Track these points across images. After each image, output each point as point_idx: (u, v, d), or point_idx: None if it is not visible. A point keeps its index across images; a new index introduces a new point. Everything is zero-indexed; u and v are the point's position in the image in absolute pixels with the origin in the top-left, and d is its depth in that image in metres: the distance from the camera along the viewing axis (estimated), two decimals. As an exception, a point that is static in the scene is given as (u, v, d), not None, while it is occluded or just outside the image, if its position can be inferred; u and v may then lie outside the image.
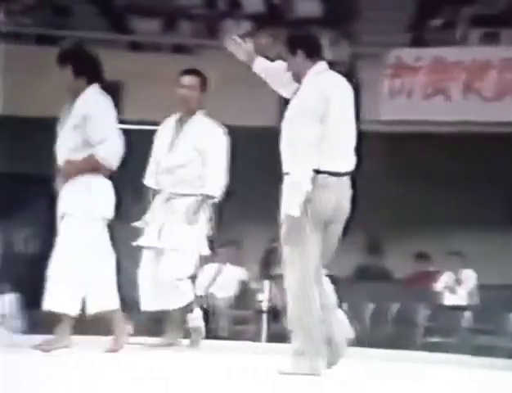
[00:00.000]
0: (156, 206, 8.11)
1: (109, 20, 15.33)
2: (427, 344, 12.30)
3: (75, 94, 6.96)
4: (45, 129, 7.63)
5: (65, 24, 14.93)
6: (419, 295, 13.63)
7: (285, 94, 6.48)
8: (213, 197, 7.99)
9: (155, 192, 8.14)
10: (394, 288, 14.44)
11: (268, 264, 13.04)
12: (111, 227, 7.52)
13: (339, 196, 6.19)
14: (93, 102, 6.90)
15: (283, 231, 6.19)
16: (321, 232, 6.20)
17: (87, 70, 7.03)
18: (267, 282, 12.74)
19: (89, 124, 6.83)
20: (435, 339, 12.57)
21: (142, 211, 8.14)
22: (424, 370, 7.83)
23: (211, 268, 13.10)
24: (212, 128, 8.04)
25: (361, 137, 6.27)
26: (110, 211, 7.15)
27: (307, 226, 6.14)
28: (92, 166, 6.94)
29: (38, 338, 8.11)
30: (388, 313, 13.09)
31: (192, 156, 7.95)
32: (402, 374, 7.37)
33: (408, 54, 14.46)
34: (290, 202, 6.08)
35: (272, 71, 6.58)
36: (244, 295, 13.16)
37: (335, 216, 6.20)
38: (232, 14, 15.27)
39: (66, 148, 6.92)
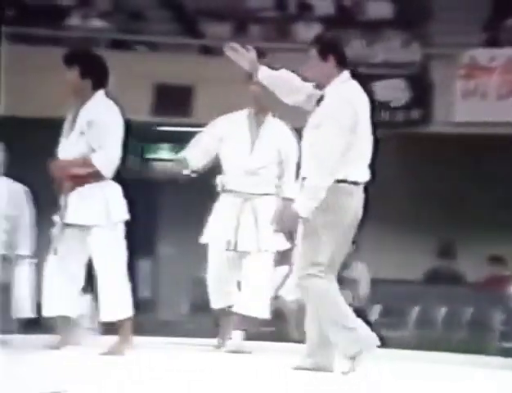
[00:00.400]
0: (228, 206, 8.03)
1: (181, 25, 15.40)
2: (502, 349, 12.18)
3: (80, 97, 6.81)
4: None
5: (139, 29, 15.02)
6: (493, 299, 13.53)
7: (290, 102, 6.45)
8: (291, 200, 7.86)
9: (224, 191, 8.08)
10: (467, 292, 14.33)
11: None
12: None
13: (359, 204, 6.32)
14: (99, 108, 6.77)
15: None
16: (338, 237, 6.33)
17: (93, 72, 6.87)
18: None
19: (92, 130, 6.72)
20: (510, 344, 12.45)
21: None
22: (498, 375, 7.72)
23: (281, 270, 13.07)
24: (287, 129, 7.89)
25: (435, 138, 6.22)
26: (126, 214, 7.28)
27: (323, 231, 6.27)
28: (82, 168, 6.83)
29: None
30: (462, 317, 13.00)
31: (273, 157, 7.84)
32: (476, 379, 7.27)
33: (482, 54, 14.29)
34: (305, 205, 6.19)
35: (278, 80, 6.46)
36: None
37: (353, 222, 6.36)
38: (303, 16, 15.24)
39: (72, 155, 6.78)
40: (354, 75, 6.34)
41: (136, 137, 14.75)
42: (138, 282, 15.80)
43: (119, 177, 15.23)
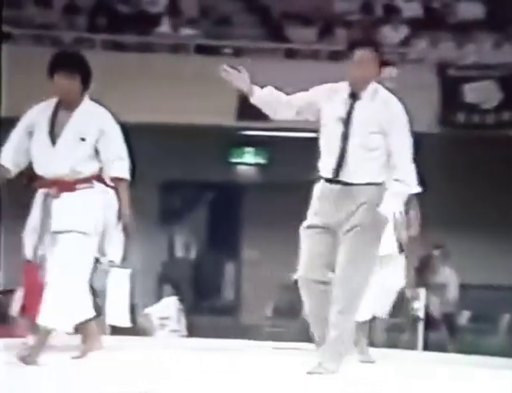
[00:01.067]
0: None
1: (266, 29, 15.41)
2: None
3: (71, 101, 6.21)
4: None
5: (225, 34, 15.06)
6: None
7: (280, 118, 6.42)
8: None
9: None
10: None
11: (424, 272, 12.91)
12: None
13: None
14: (107, 118, 6.27)
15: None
16: None
17: (88, 77, 6.41)
18: (422, 290, 12.65)
19: (105, 140, 6.22)
20: None
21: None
22: None
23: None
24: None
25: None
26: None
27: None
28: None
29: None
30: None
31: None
32: None
33: None
34: (397, 206, 6.15)
35: (268, 99, 6.35)
36: (399, 304, 12.98)
37: None
38: (390, 19, 15.15)
39: (73, 158, 6.10)
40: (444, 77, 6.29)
41: (222, 142, 14.84)
42: (223, 285, 15.88)
43: (204, 181, 15.39)
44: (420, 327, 12.51)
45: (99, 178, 6.26)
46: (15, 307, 10.24)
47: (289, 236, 15.58)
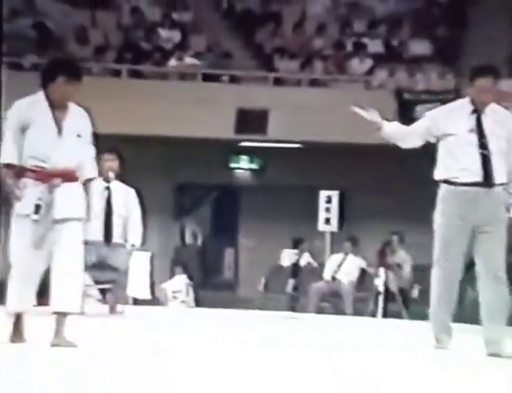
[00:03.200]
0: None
1: (259, 62, 15.42)
2: None
3: (66, 103, 5.48)
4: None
5: (225, 64, 15.09)
6: None
7: (407, 147, 6.02)
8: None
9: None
10: None
11: (385, 255, 12.88)
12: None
13: None
14: (85, 114, 5.58)
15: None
16: None
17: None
18: (383, 270, 12.59)
19: (87, 136, 5.55)
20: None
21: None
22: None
23: (336, 258, 13.04)
24: None
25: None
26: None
27: None
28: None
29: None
30: None
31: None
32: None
33: (506, 84, 13.94)
34: None
35: (399, 130, 6.05)
36: (364, 279, 13.01)
37: None
38: (357, 53, 15.16)
39: (76, 151, 5.45)
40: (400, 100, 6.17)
41: (223, 151, 14.86)
42: (224, 266, 15.92)
43: (209, 183, 15.39)
44: (381, 299, 12.45)
45: None
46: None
47: (278, 228, 15.71)
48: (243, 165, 15.50)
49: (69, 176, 5.38)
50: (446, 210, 5.80)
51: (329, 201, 13.29)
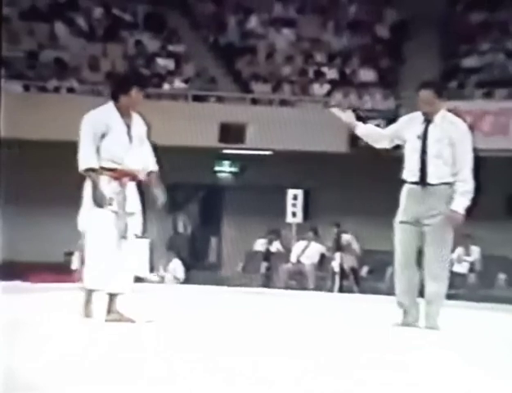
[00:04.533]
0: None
1: (238, 85, 15.40)
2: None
3: (131, 112, 5.33)
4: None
5: (210, 87, 15.05)
6: None
7: (379, 146, 5.80)
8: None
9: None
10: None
11: (339, 242, 12.93)
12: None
13: None
14: (144, 123, 5.41)
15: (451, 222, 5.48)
16: None
17: None
18: (338, 254, 12.65)
19: (146, 140, 5.40)
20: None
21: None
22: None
23: (301, 244, 13.07)
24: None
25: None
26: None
27: None
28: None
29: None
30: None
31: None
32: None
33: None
34: (464, 204, 5.51)
35: (368, 133, 5.82)
36: (323, 262, 13.07)
37: None
38: (318, 79, 15.18)
39: (139, 160, 5.31)
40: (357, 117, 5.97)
41: (209, 157, 14.84)
42: (210, 251, 15.89)
43: (197, 183, 15.34)
44: (337, 277, 12.48)
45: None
46: (74, 263, 10.18)
47: (253, 220, 15.73)
48: (225, 169, 15.45)
49: (134, 176, 5.24)
50: (401, 204, 5.65)
51: (295, 198, 13.34)
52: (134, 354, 3.69)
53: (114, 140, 5.15)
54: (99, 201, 5.09)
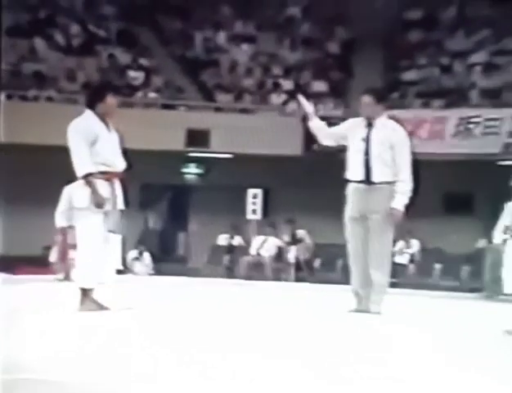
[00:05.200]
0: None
1: (203, 94, 15.38)
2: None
3: (111, 116, 5.26)
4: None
5: (179, 97, 15.02)
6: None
7: (327, 143, 5.78)
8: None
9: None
10: None
11: (295, 236, 12.99)
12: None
13: None
14: None
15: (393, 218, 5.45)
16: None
17: None
18: (294, 247, 12.69)
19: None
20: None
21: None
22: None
23: (260, 239, 13.09)
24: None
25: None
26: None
27: None
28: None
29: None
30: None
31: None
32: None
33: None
34: (403, 202, 5.49)
35: (322, 128, 5.81)
36: (280, 254, 13.11)
37: None
38: (276, 90, 15.22)
39: (122, 159, 5.29)
40: (305, 124, 5.93)
41: (177, 159, 14.78)
42: (177, 245, 15.84)
43: (166, 183, 15.27)
44: (292, 268, 12.54)
45: None
46: (52, 256, 10.07)
47: (217, 217, 15.67)
48: (192, 170, 15.39)
49: (119, 176, 5.17)
50: (348, 201, 5.62)
51: (255, 197, 13.35)
52: (114, 339, 3.67)
53: (105, 145, 5.07)
54: (99, 202, 4.99)
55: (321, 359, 3.27)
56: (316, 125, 5.82)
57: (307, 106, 5.83)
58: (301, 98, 5.92)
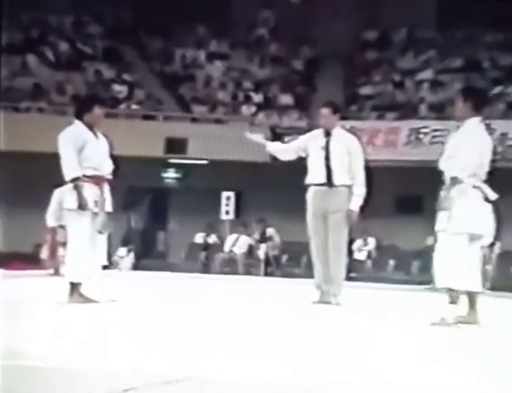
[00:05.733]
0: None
1: (181, 106, 15.34)
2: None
3: (97, 125, 5.20)
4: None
5: (159, 108, 14.94)
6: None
7: (286, 159, 5.80)
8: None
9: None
10: None
11: (264, 235, 13.00)
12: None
13: None
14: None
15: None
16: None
17: None
18: (263, 245, 12.72)
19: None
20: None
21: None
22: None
23: (233, 237, 13.09)
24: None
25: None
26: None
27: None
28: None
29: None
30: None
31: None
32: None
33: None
34: (359, 203, 5.53)
35: (277, 149, 5.90)
36: (251, 251, 13.12)
37: None
38: (247, 102, 15.23)
39: (111, 164, 5.23)
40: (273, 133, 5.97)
41: (157, 165, 14.73)
42: (158, 243, 15.76)
43: (148, 186, 15.17)
44: (262, 264, 12.52)
45: None
46: (43, 253, 9.95)
47: (194, 217, 15.60)
48: (170, 175, 15.32)
49: (108, 180, 5.13)
50: (309, 203, 5.64)
51: (228, 199, 13.35)
52: (101, 329, 3.65)
53: (92, 151, 5.03)
54: (83, 204, 4.94)
55: (290, 346, 3.30)
56: (273, 148, 5.90)
57: (258, 139, 5.95)
58: (250, 135, 6.01)
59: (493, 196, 4.56)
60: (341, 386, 2.44)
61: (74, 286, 5.03)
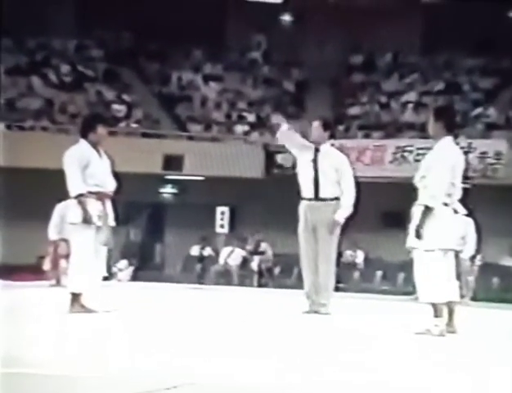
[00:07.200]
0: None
1: (178, 125, 15.37)
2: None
3: (100, 144, 5.20)
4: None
5: (156, 127, 14.96)
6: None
7: (286, 146, 5.70)
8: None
9: None
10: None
11: (258, 247, 12.99)
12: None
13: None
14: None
15: None
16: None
17: None
18: (256, 257, 12.70)
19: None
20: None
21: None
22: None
23: (227, 249, 13.06)
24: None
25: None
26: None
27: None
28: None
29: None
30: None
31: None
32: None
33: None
34: (345, 214, 5.49)
35: (288, 138, 5.70)
36: (245, 263, 13.09)
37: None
38: (240, 122, 15.28)
39: (113, 181, 5.24)
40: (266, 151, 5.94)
41: (155, 181, 14.72)
42: (155, 255, 15.70)
43: (146, 201, 15.13)
44: (255, 275, 12.54)
45: None
46: (45, 265, 9.88)
47: (190, 231, 15.58)
48: (168, 190, 15.31)
49: (109, 196, 5.13)
50: (300, 216, 5.58)
51: (222, 213, 13.36)
52: (100, 337, 3.61)
53: (96, 168, 5.05)
54: (88, 218, 4.94)
55: (286, 354, 3.28)
56: (285, 133, 5.71)
57: (279, 120, 5.96)
58: (275, 117, 6.04)
59: (463, 211, 4.56)
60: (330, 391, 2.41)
61: (75, 297, 5.01)
